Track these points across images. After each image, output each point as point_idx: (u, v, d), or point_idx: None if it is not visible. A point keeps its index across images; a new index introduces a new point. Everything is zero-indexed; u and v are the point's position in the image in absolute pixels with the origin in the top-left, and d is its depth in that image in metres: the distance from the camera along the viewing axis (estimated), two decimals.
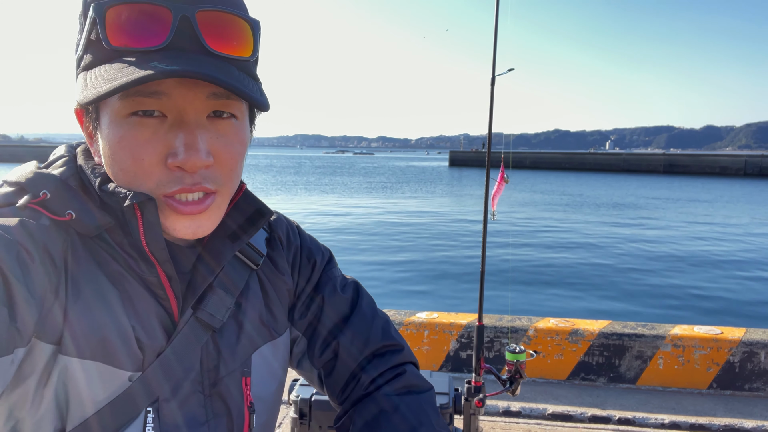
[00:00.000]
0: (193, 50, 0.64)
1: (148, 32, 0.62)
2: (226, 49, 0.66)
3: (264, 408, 0.84)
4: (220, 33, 0.66)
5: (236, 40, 0.67)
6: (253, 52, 0.69)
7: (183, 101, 0.66)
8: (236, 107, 0.70)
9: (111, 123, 0.66)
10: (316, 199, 26.68)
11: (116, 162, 0.67)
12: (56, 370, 0.64)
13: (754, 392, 3.59)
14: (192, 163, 0.66)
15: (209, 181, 0.69)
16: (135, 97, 0.64)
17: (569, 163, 67.76)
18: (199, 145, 0.66)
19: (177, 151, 0.65)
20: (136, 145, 0.65)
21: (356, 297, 0.97)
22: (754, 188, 37.24)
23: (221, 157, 0.70)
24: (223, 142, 0.70)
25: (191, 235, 0.70)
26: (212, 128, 0.69)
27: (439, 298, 8.87)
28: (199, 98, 0.66)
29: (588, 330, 3.77)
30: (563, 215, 20.25)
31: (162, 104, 0.65)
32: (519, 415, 3.35)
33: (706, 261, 11.89)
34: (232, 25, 0.67)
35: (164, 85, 0.64)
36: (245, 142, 0.74)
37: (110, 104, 0.66)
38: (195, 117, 0.67)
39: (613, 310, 8.03)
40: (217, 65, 0.64)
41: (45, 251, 0.64)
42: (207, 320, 0.75)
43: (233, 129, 0.71)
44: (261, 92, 0.70)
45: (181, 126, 0.66)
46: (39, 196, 0.67)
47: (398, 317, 3.92)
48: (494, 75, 1.97)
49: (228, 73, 0.64)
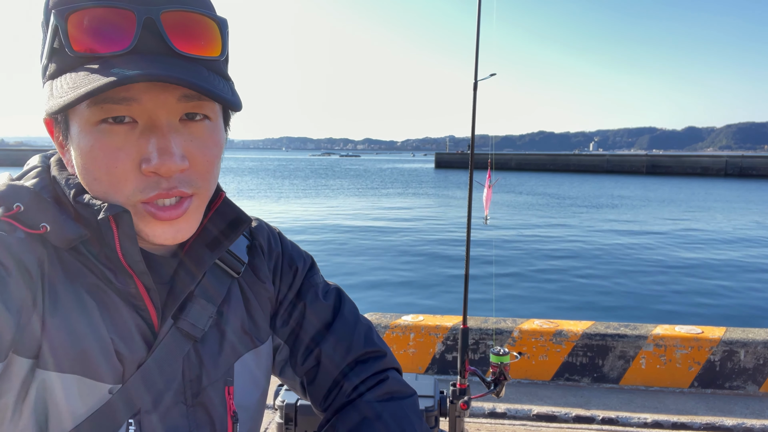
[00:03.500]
0: (159, 52, 0.63)
1: (112, 37, 0.61)
2: (193, 50, 0.65)
3: (247, 417, 0.84)
4: (187, 33, 0.64)
5: (204, 40, 0.66)
6: (221, 51, 0.68)
7: (153, 106, 0.64)
8: (209, 108, 0.69)
9: (81, 132, 0.65)
10: (303, 202, 26.58)
11: (89, 172, 0.66)
12: (35, 385, 0.63)
13: (734, 390, 3.64)
14: (167, 168, 0.64)
15: (185, 184, 0.68)
16: (104, 104, 0.62)
17: (554, 165, 68.29)
18: (173, 149, 0.65)
19: (150, 156, 0.64)
20: (108, 152, 0.64)
21: (338, 304, 0.97)
22: (736, 188, 37.78)
23: (196, 159, 0.68)
24: (197, 144, 0.68)
25: (171, 240, 0.69)
26: (185, 131, 0.67)
27: (425, 300, 8.88)
28: (170, 102, 0.65)
29: (572, 331, 3.80)
30: (547, 217, 20.39)
31: (132, 110, 0.64)
32: (504, 416, 3.37)
33: (691, 263, 12.04)
34: (199, 24, 0.66)
35: (133, 90, 0.63)
36: (220, 144, 0.73)
37: (79, 113, 0.64)
38: (167, 121, 0.65)
39: (597, 310, 8.11)
40: (185, 66, 0.63)
41: (21, 265, 0.63)
42: (188, 330, 0.75)
43: (207, 131, 0.69)
44: (232, 92, 0.69)
45: (153, 131, 0.65)
46: (12, 209, 0.65)
47: (384, 320, 3.92)
48: (476, 80, 1.99)
49: (196, 74, 0.63)
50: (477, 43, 1.97)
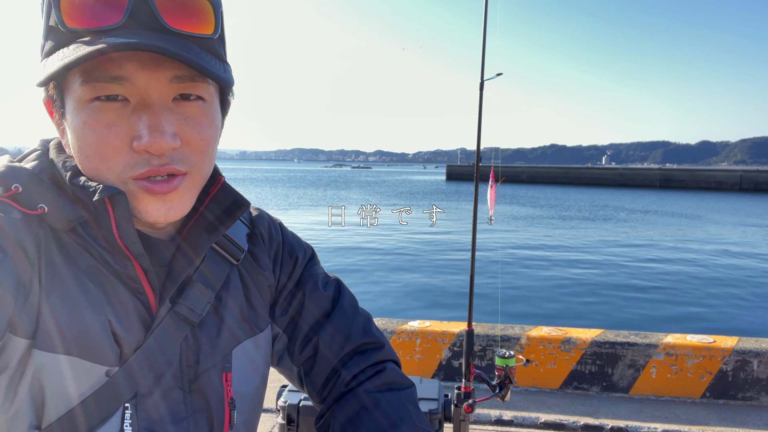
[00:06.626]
0: (150, 28, 0.63)
1: (103, 12, 0.61)
2: (185, 27, 0.65)
3: (246, 404, 0.83)
4: (179, 10, 0.64)
5: (196, 17, 0.66)
6: (215, 29, 0.68)
7: (145, 85, 0.65)
8: (203, 89, 0.70)
9: (74, 110, 0.66)
10: (315, 211, 26.62)
11: (82, 149, 0.66)
12: (31, 366, 0.63)
13: (747, 401, 3.58)
14: (157, 146, 0.65)
15: (178, 162, 0.68)
16: (96, 82, 0.63)
17: (566, 178, 67.85)
18: (164, 127, 0.65)
19: (141, 134, 0.64)
20: (100, 129, 0.65)
21: (338, 294, 0.96)
22: (751, 202, 37.35)
23: (190, 139, 0.69)
24: (191, 124, 0.69)
25: (164, 218, 0.70)
26: (179, 111, 0.68)
27: (432, 307, 8.84)
28: (162, 82, 0.66)
29: (580, 338, 3.76)
30: (558, 228, 20.26)
31: (124, 89, 0.64)
32: (511, 424, 3.33)
33: (702, 273, 11.90)
34: (193, 2, 0.66)
35: (125, 69, 0.63)
36: (216, 124, 0.73)
37: (73, 91, 0.65)
38: (159, 99, 0.66)
39: (606, 319, 8.03)
40: (176, 42, 0.63)
41: (17, 245, 0.63)
42: (186, 314, 0.75)
43: (201, 111, 0.70)
44: (225, 69, 0.70)
45: (144, 109, 0.65)
46: (11, 190, 0.66)
47: (390, 325, 3.91)
48: (483, 80, 1.99)
49: (187, 50, 0.64)
50: (483, 42, 1.97)
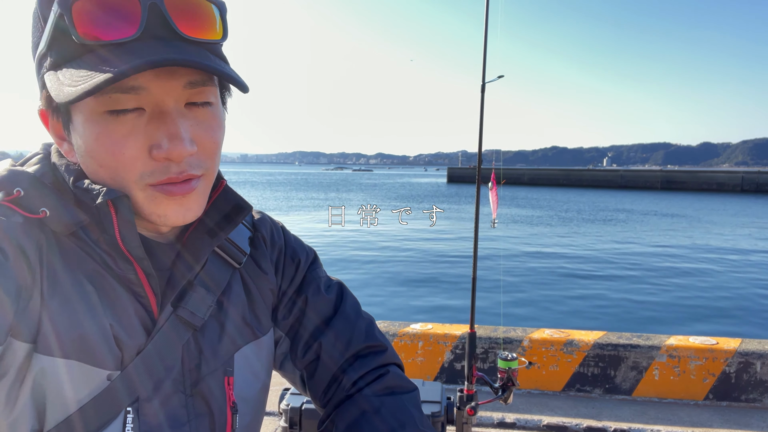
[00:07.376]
0: (165, 38, 0.63)
1: (118, 24, 0.61)
2: (198, 34, 0.65)
3: (248, 409, 0.83)
4: (191, 17, 0.65)
5: (207, 24, 0.66)
6: (223, 34, 0.69)
7: (161, 93, 0.65)
8: (211, 93, 0.70)
9: (86, 121, 0.65)
10: (316, 214, 26.62)
11: (95, 158, 0.66)
12: (32, 370, 0.63)
13: (750, 403, 3.56)
14: (178, 153, 0.65)
15: (194, 167, 0.69)
16: (112, 93, 0.62)
17: (567, 180, 67.79)
18: (183, 134, 0.65)
19: (161, 142, 0.65)
20: (116, 140, 0.64)
21: (340, 298, 0.96)
22: (753, 204, 37.31)
23: (204, 143, 0.69)
24: (203, 128, 0.69)
25: (181, 220, 0.70)
26: (191, 116, 0.68)
27: (434, 310, 8.83)
28: (177, 88, 0.66)
29: (583, 341, 3.75)
30: (559, 230, 20.25)
31: (140, 99, 0.64)
32: (514, 426, 3.32)
33: (705, 275, 11.88)
34: (201, 8, 0.66)
35: (141, 79, 0.63)
36: (223, 126, 0.74)
37: (84, 102, 0.64)
38: (175, 107, 0.66)
39: (608, 321, 8.02)
40: (192, 51, 0.63)
41: (19, 249, 0.63)
42: (188, 318, 0.75)
43: (211, 114, 0.71)
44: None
45: (161, 117, 0.65)
46: (12, 194, 0.66)
47: (392, 328, 3.90)
48: (484, 82, 1.99)
49: (205, 58, 0.64)
50: (485, 46, 1.98)
